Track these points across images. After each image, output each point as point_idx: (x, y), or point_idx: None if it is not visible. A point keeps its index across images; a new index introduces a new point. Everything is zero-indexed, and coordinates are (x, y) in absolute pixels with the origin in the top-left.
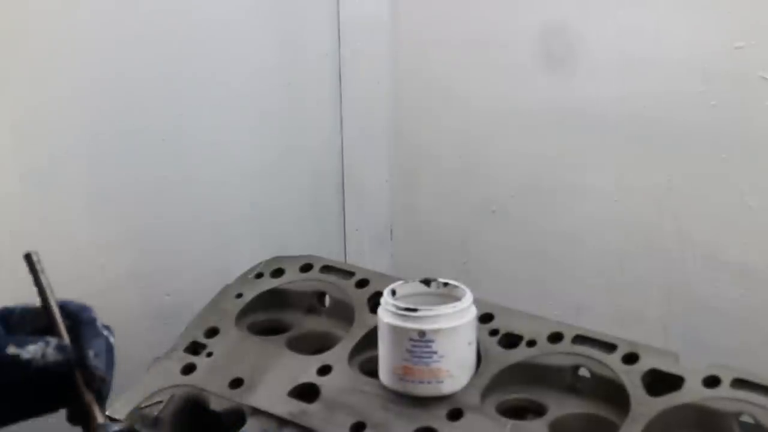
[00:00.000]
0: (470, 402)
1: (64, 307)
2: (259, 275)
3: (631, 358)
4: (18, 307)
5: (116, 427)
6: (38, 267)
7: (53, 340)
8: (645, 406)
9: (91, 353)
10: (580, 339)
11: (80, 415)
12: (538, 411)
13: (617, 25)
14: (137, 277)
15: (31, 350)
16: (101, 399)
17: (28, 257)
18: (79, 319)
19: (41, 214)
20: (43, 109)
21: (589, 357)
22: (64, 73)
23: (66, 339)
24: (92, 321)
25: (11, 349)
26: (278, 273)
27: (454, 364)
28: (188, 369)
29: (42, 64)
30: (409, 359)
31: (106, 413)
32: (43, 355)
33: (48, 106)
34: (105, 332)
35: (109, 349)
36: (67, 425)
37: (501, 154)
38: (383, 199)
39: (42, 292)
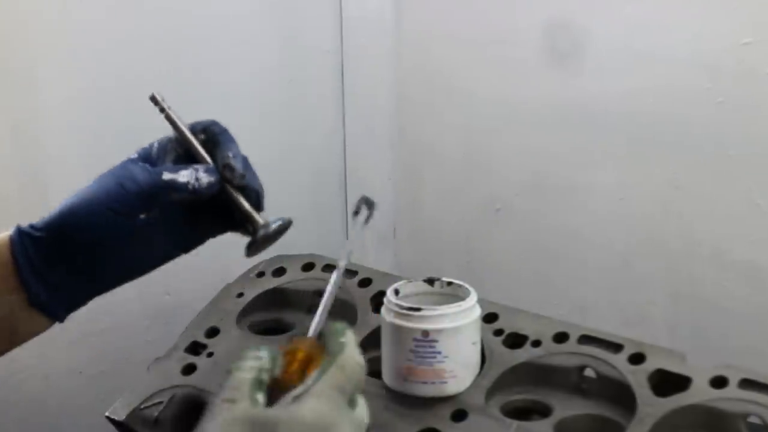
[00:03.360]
0: (474, 403)
1: (194, 126)
2: (261, 274)
3: (637, 359)
4: (153, 142)
5: (279, 221)
6: (164, 104)
7: (201, 166)
8: (651, 407)
9: (230, 154)
10: (585, 339)
11: (244, 224)
12: (543, 412)
13: (623, 21)
14: None
15: (185, 174)
16: (258, 206)
17: (152, 98)
18: (211, 130)
19: (40, 214)
20: (43, 109)
21: (594, 357)
22: (62, 71)
23: (209, 160)
24: (224, 130)
25: (167, 175)
26: (280, 272)
27: (458, 365)
28: (189, 369)
29: (41, 63)
30: (413, 359)
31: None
32: (197, 179)
33: (47, 106)
34: None
35: (245, 157)
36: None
37: (505, 151)
38: (386, 197)
39: (173, 123)
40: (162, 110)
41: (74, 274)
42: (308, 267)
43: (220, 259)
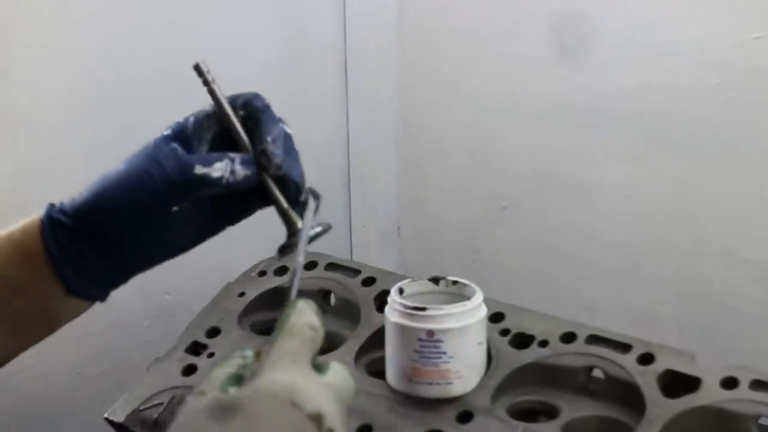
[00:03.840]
0: (480, 404)
1: (234, 100)
2: (262, 273)
3: (646, 359)
4: (189, 117)
5: (319, 227)
6: (209, 76)
7: (237, 156)
8: (661, 408)
9: (269, 138)
10: (593, 339)
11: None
12: (551, 413)
13: (630, 15)
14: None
15: (219, 168)
16: (297, 201)
17: (197, 67)
18: (253, 105)
19: (36, 211)
20: (39, 103)
21: (603, 357)
22: (60, 65)
23: (249, 145)
24: (267, 106)
25: (199, 170)
26: (282, 271)
27: (464, 365)
28: (189, 370)
29: (38, 56)
30: (417, 360)
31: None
32: (232, 172)
33: (44, 100)
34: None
35: (287, 136)
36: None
37: (511, 148)
38: (390, 194)
39: (216, 99)
40: (205, 83)
41: (107, 259)
42: (311, 266)
43: (221, 258)
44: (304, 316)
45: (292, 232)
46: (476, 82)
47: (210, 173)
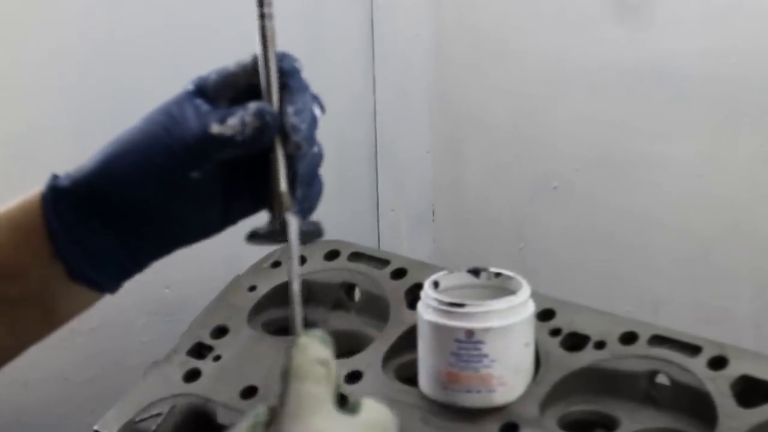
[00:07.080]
0: (527, 414)
1: (257, 58)
2: (276, 264)
3: (718, 363)
4: (211, 74)
5: (308, 225)
6: (267, 10)
7: (253, 105)
8: (735, 419)
9: (291, 109)
10: (657, 340)
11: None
12: (608, 425)
13: None
14: None
15: (231, 124)
16: (292, 187)
17: None
18: (281, 68)
19: (20, 188)
20: (21, 68)
21: (668, 361)
22: (45, 25)
23: (275, 95)
24: (296, 70)
25: (215, 128)
26: (299, 262)
27: (508, 370)
28: (192, 375)
29: (19, 14)
30: (455, 364)
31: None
32: (243, 124)
33: (27, 65)
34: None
35: (313, 118)
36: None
37: (563, 120)
38: (423, 173)
39: (265, 41)
40: (262, 17)
41: (118, 238)
42: (332, 255)
43: (229, 247)
44: (309, 352)
45: (272, 217)
46: (523, 43)
47: (223, 132)
